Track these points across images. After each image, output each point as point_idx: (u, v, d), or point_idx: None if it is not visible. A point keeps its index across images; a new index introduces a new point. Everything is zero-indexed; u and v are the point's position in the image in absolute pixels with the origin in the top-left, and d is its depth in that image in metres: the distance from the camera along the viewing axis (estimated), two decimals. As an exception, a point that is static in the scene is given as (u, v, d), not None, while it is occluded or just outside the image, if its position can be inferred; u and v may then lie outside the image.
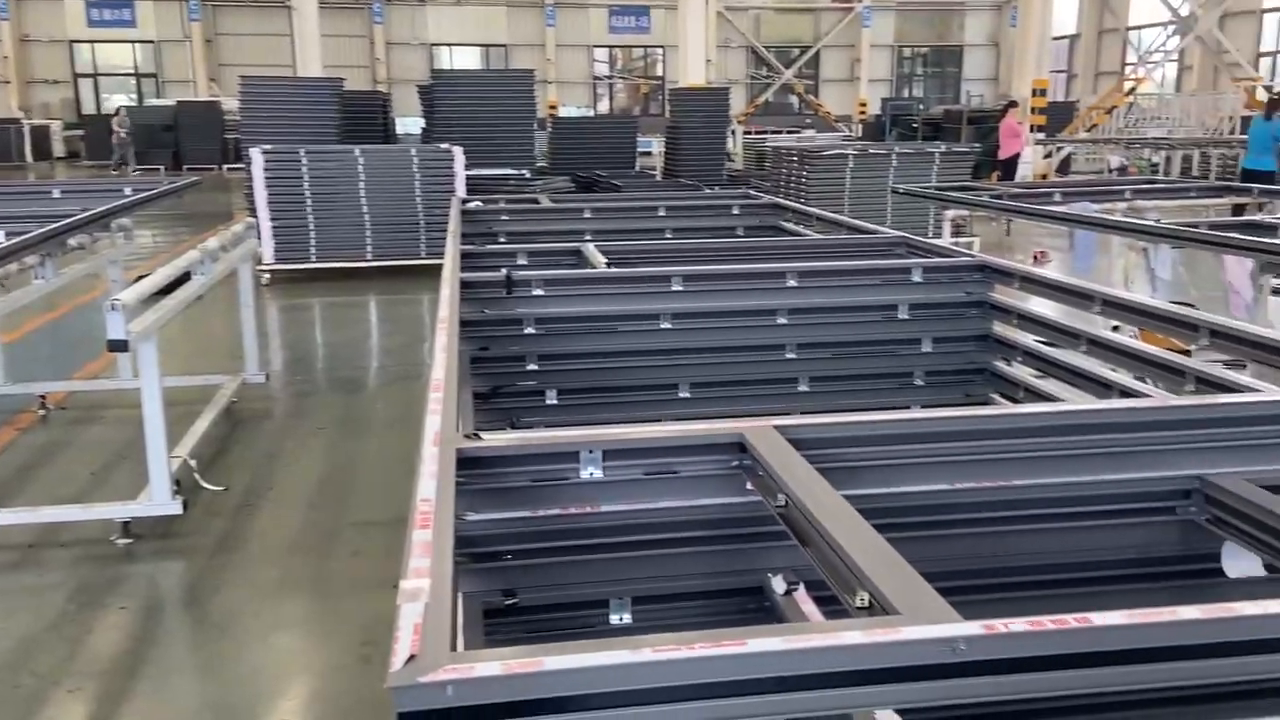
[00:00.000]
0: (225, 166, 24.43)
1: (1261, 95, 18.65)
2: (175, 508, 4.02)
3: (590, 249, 3.81)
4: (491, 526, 1.66)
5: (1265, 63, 26.06)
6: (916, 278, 3.38)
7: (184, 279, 4.68)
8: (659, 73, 33.95)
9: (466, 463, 1.62)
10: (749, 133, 23.52)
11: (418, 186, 10.13)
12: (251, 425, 5.51)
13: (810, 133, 23.64)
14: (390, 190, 10.09)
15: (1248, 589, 1.76)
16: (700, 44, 16.40)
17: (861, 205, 10.61)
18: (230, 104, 22.37)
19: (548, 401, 3.21)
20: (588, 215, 5.23)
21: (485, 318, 3.13)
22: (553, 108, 29.17)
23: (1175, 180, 11.54)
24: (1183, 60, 27.20)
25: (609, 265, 3.56)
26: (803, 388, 3.34)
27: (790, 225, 5.13)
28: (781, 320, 3.31)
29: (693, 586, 1.73)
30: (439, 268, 3.36)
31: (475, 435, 1.68)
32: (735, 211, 5.44)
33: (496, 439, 1.68)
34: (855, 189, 11.00)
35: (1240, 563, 1.72)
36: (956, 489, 1.76)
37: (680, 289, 3.24)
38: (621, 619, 1.71)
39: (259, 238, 8.96)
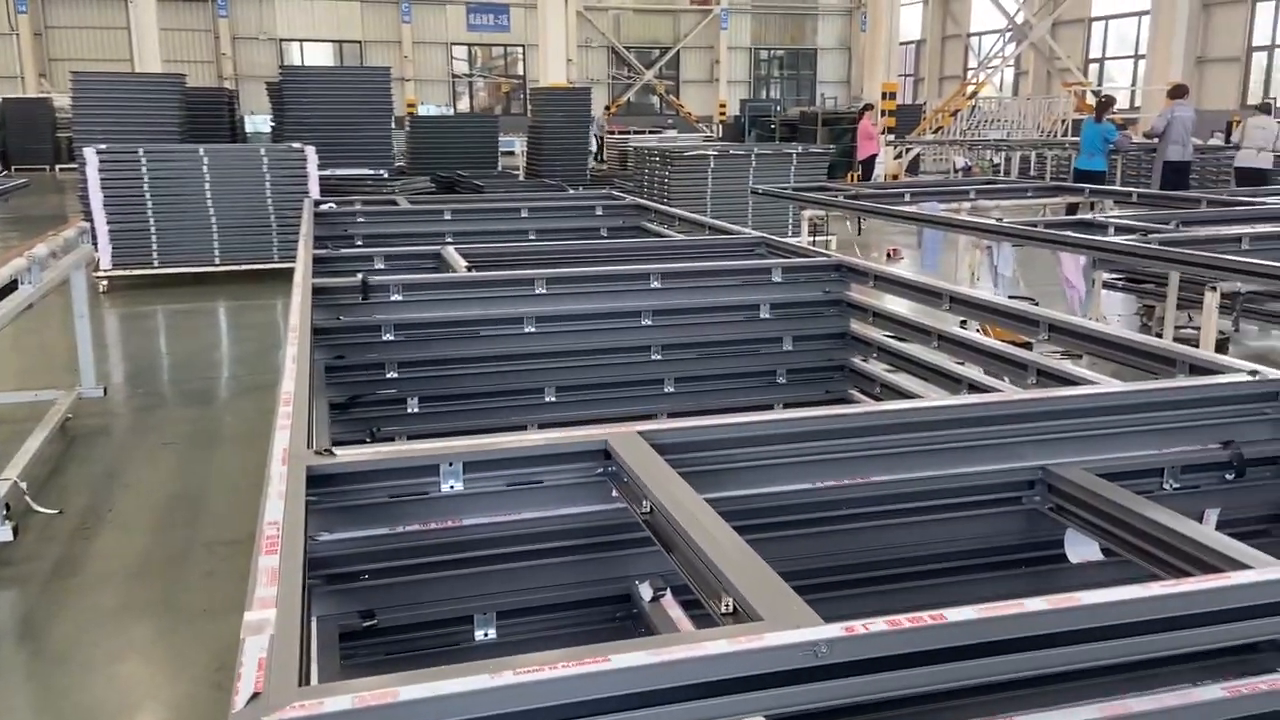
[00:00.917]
0: (57, 167, 22.92)
1: (1091, 99, 19.91)
2: (4, 534, 3.73)
3: (451, 252, 3.73)
4: (347, 546, 1.59)
5: (1094, 68, 27.84)
6: (777, 278, 3.44)
7: (10, 288, 4.34)
8: (520, 72, 33.70)
9: (319, 480, 1.54)
10: (611, 132, 23.60)
11: (268, 187, 9.72)
12: (89, 443, 5.16)
13: (672, 133, 23.90)
14: (238, 191, 9.65)
15: (1089, 573, 1.85)
16: (561, 43, 16.36)
17: (723, 205, 10.78)
18: (62, 101, 20.98)
19: (409, 410, 3.12)
20: (448, 217, 5.13)
21: (340, 325, 3.02)
22: (411, 106, 28.57)
23: (1014, 180, 12.19)
24: (1019, 65, 28.79)
25: (470, 268, 3.49)
26: (669, 389, 3.36)
27: (653, 226, 5.15)
28: (646, 322, 3.31)
29: (559, 597, 1.70)
30: (294, 271, 3.22)
31: (328, 451, 1.60)
32: (599, 212, 5.43)
33: (350, 454, 1.61)
34: (717, 189, 11.17)
35: (1081, 548, 1.81)
36: (818, 488, 1.78)
37: (544, 292, 3.20)
38: (487, 635, 1.67)
39: (94, 242, 8.41)
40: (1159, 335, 6.44)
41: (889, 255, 11.59)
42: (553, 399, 3.24)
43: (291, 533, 1.30)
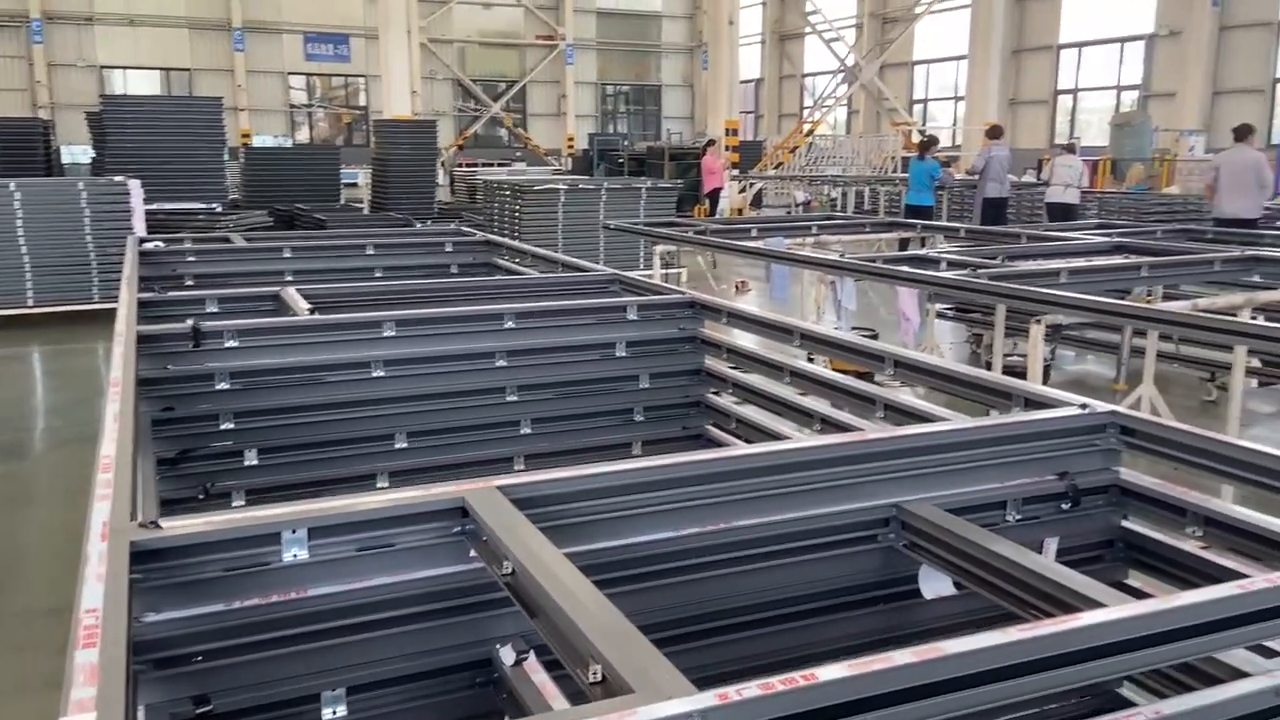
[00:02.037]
0: None
1: (917, 138, 21.08)
2: None
3: (291, 293, 3.55)
4: (177, 626, 1.45)
5: (919, 108, 29.51)
6: (632, 315, 3.43)
7: None
8: (362, 102, 32.99)
9: (144, 556, 1.41)
10: (459, 165, 23.37)
11: (88, 224, 9.12)
12: (-122, 507, 4.66)
13: (521, 166, 23.87)
14: (54, 228, 9.02)
15: (942, 607, 1.90)
16: (404, 75, 16.11)
17: (574, 239, 10.80)
18: None
19: (246, 462, 2.93)
20: (288, 255, 4.91)
21: (169, 374, 2.81)
22: (246, 136, 27.49)
23: (852, 216, 12.70)
24: (851, 105, 30.22)
25: (313, 310, 3.33)
26: (525, 430, 3.29)
27: (505, 262, 5.08)
28: (500, 362, 3.24)
29: (415, 667, 1.60)
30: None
31: (154, 524, 1.46)
32: (448, 248, 5.32)
33: (180, 525, 1.47)
34: (568, 223, 11.19)
35: (934, 584, 1.84)
36: (681, 535, 1.76)
37: (393, 334, 3.08)
38: (335, 713, 1.55)
39: (-114, 283, 7.67)
40: (988, 362, 6.80)
41: (738, 287, 11.86)
42: (404, 445, 3.11)
43: (113, 619, 1.17)
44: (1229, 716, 1.19)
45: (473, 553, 1.58)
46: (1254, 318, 4.51)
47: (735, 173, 20.06)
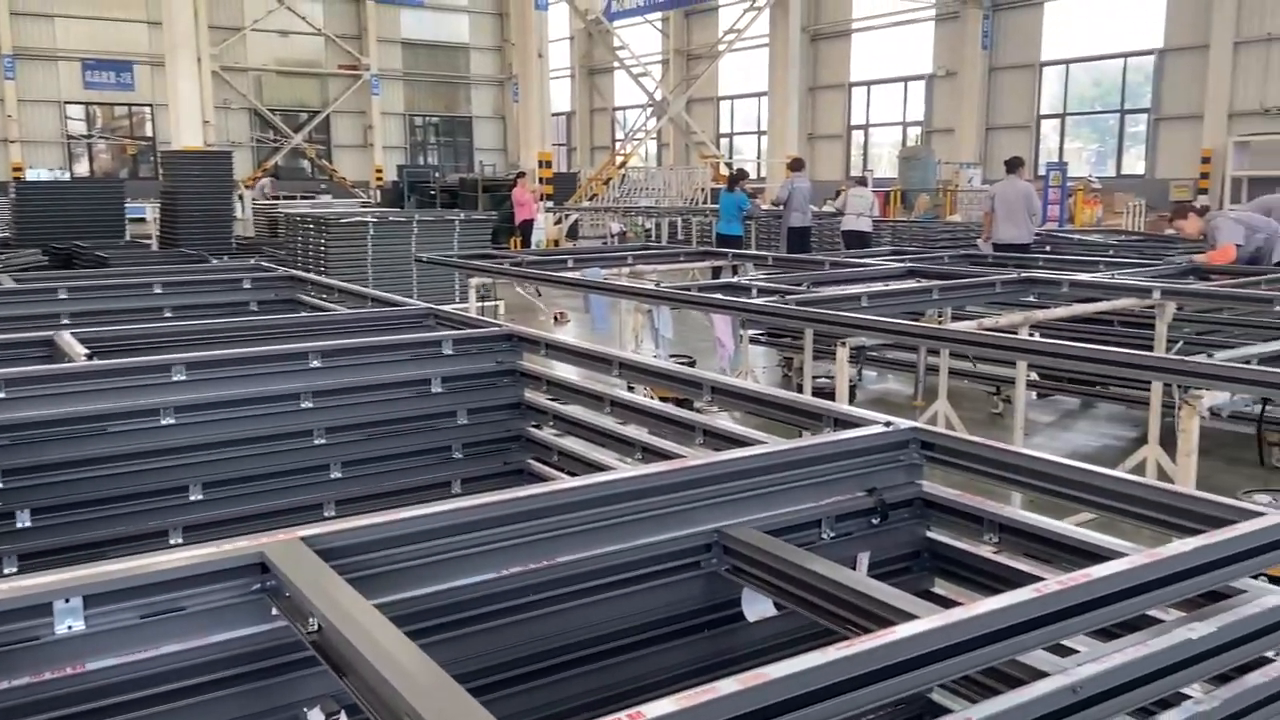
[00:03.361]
0: None
1: (725, 170, 21.83)
2: None
3: (67, 338, 3.26)
4: (-75, 720, 1.27)
5: (725, 142, 30.64)
6: (448, 350, 3.34)
7: None
8: (148, 133, 31.10)
9: (-122, 643, 1.22)
10: (277, 196, 22.36)
11: None
12: None
13: (327, 198, 23.08)
14: None
15: (765, 629, 1.92)
16: (195, 103, 15.25)
17: (385, 274, 10.50)
18: None
19: (18, 525, 2.65)
20: (64, 296, 4.51)
21: (-80, 432, 2.51)
22: (17, 170, 25.36)
23: (666, 246, 12.98)
24: (661, 138, 31.02)
25: (91, 356, 3.06)
26: (335, 474, 3.13)
27: (310, 299, 4.86)
28: (306, 404, 3.07)
29: (213, 741, 1.46)
30: None
31: (-110, 605, 1.28)
32: (247, 285, 5.03)
33: (-74, 603, 1.29)
34: (378, 257, 10.87)
35: (757, 606, 1.86)
36: (502, 576, 1.70)
37: (183, 378, 2.87)
38: (120, 801, 1.40)
39: None
40: (799, 384, 7.08)
41: (556, 319, 11.86)
42: (199, 497, 2.90)
43: None
44: (1032, 716, 1.25)
45: (275, 611, 1.47)
46: (1031, 335, 4.89)
47: (550, 204, 20.14)
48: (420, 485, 3.23)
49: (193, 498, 2.88)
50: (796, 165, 13.55)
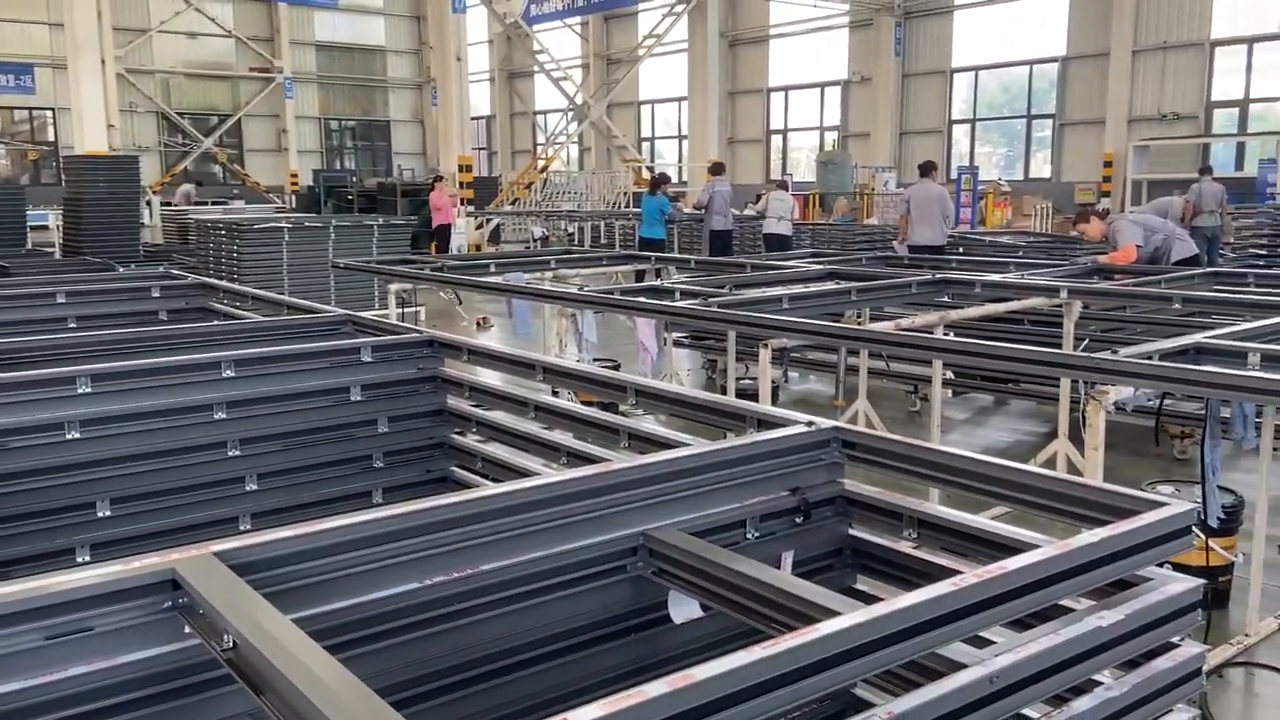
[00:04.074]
0: None
1: (646, 174, 21.90)
2: None
3: (-38, 350, 3.11)
4: None
5: (646, 146, 30.76)
6: (366, 357, 3.28)
7: None
8: (50, 137, 29.93)
9: None
10: (168, 204, 21.72)
11: None
12: None
13: (239, 204, 22.51)
14: None
15: (692, 630, 1.92)
16: (99, 107, 14.71)
17: (302, 281, 10.28)
18: None
19: (-90, 548, 2.52)
20: (-40, 306, 4.31)
21: None
22: (-92, 175, 24.15)
23: (589, 250, 12.98)
24: (582, 142, 31.02)
25: (-11, 369, 2.93)
26: (251, 486, 3.05)
27: (223, 307, 4.73)
28: (220, 415, 2.99)
29: (122, 768, 1.41)
30: None
31: None
32: (156, 294, 4.87)
33: None
34: (294, 264, 10.64)
35: (683, 608, 1.87)
36: (425, 586, 1.67)
37: (88, 391, 2.76)
38: (26, 833, 1.33)
39: None
40: (723, 386, 7.14)
41: (479, 324, 11.76)
42: (107, 513, 2.79)
43: None
44: (953, 707, 1.27)
45: (188, 629, 1.42)
46: (946, 334, 5.01)
47: (471, 209, 19.97)
48: (340, 496, 3.17)
49: (100, 514, 2.77)
50: (717, 169, 13.68)
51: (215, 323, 4.33)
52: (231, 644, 1.30)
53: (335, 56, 34.40)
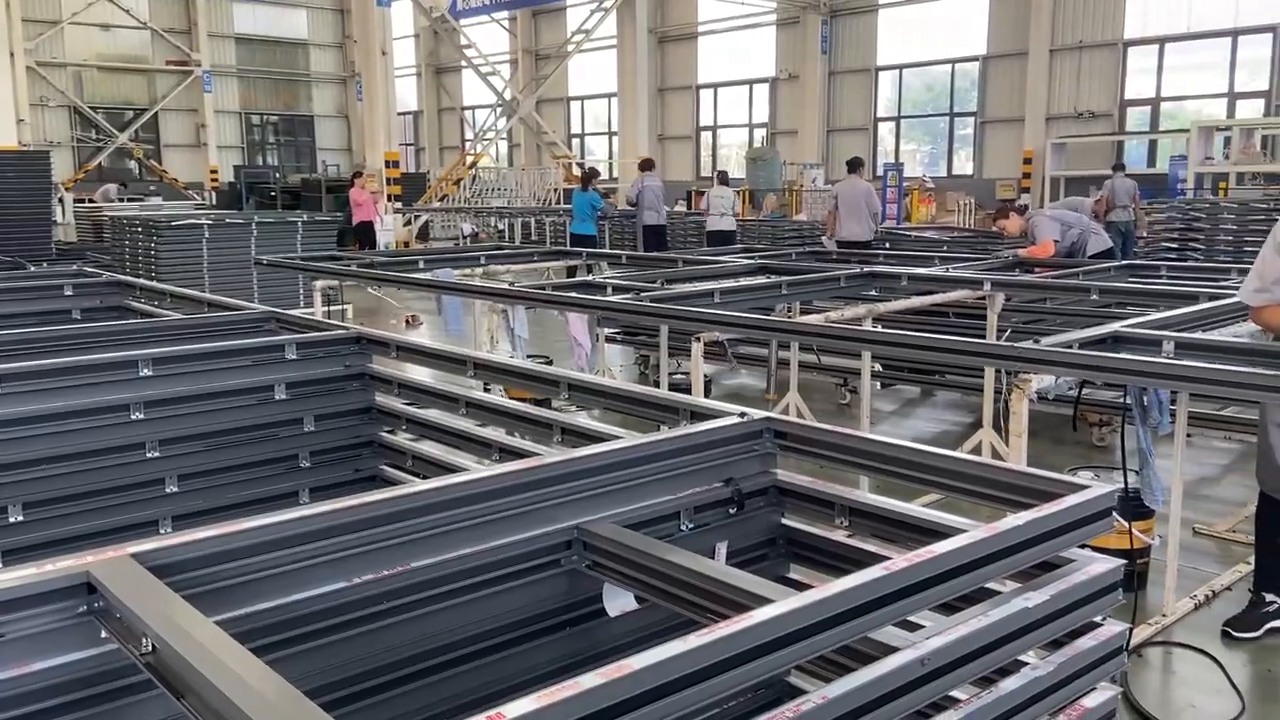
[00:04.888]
0: None
1: (577, 170, 21.82)
2: None
3: None
4: None
5: (576, 142, 30.67)
6: (291, 355, 3.21)
7: None
8: (-44, 131, 28.71)
9: None
10: (81, 200, 21.01)
11: None
12: None
13: (157, 200, 21.86)
14: None
15: (627, 623, 1.92)
16: (7, 101, 14.14)
17: (224, 279, 10.02)
18: None
19: None
20: None
21: None
22: None
23: (520, 246, 12.89)
24: (511, 138, 30.78)
25: (-112, 371, 2.79)
26: (171, 488, 2.96)
27: (140, 305, 4.58)
28: (137, 415, 2.89)
29: (34, 780, 1.35)
30: None
31: None
32: (69, 292, 4.70)
33: None
34: (214, 261, 10.36)
35: (618, 600, 1.86)
36: (354, 584, 1.64)
37: (-3, 392, 2.65)
38: None
39: None
40: (656, 381, 7.15)
41: (408, 322, 11.60)
42: (19, 518, 2.68)
43: None
44: (885, 690, 1.29)
45: (104, 633, 1.37)
46: (874, 327, 5.08)
47: (399, 205, 19.69)
48: (265, 497, 3.09)
49: (12, 519, 2.67)
50: (646, 165, 13.72)
51: (132, 321, 4.20)
52: (150, 648, 1.25)
53: (256, 50, 33.60)
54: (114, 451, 2.84)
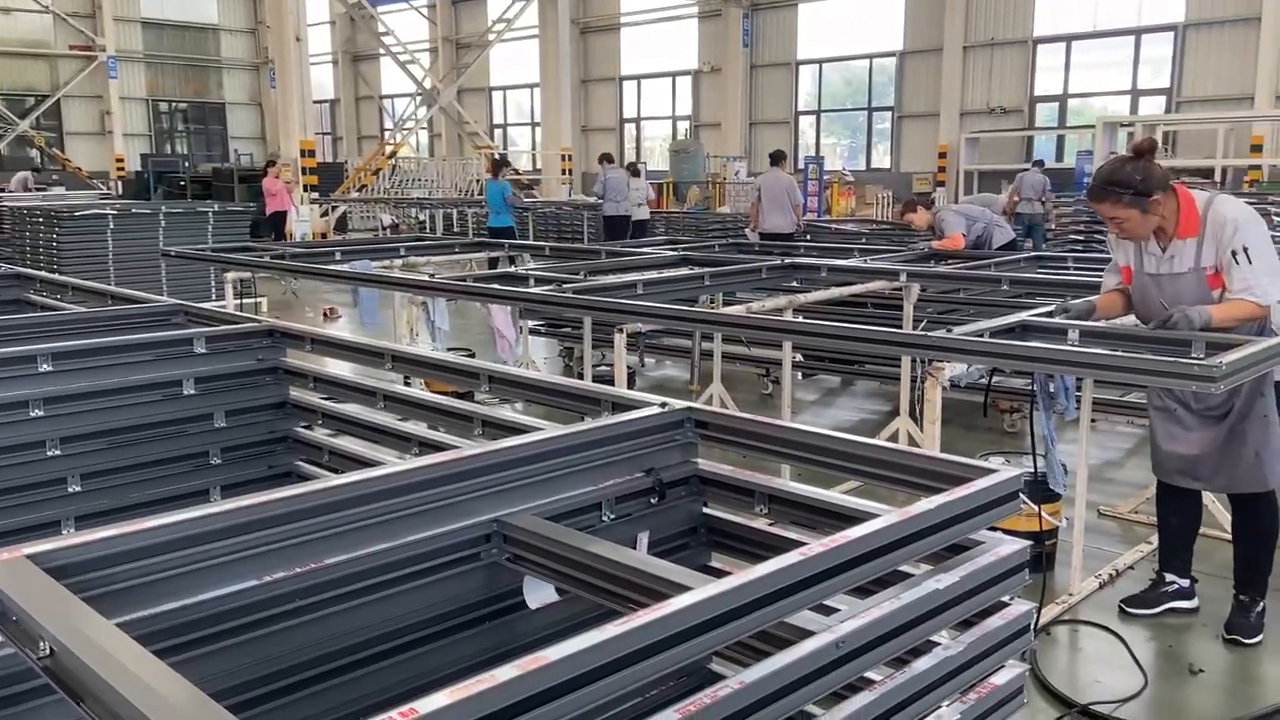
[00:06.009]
0: None
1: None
2: None
3: None
4: None
5: (499, 133, 30.38)
6: (200, 348, 3.11)
7: None
8: None
9: None
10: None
11: None
12: None
13: (60, 190, 21.01)
14: None
15: (548, 615, 1.91)
16: (-104, 83, 13.46)
17: (130, 271, 9.68)
18: None
19: None
20: None
21: None
22: None
23: (441, 237, 12.74)
24: (432, 128, 30.35)
25: None
26: (74, 488, 2.85)
27: (39, 298, 4.40)
28: (37, 413, 2.77)
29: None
30: None
31: None
32: (-38, 285, 4.49)
33: None
34: (120, 254, 9.99)
35: (538, 593, 1.85)
36: (265, 583, 1.59)
37: (-119, 389, 2.52)
38: None
39: None
40: (580, 373, 7.13)
41: (325, 315, 11.37)
42: (-92, 523, 2.55)
43: None
44: (802, 673, 1.30)
45: (0, 637, 1.31)
46: (795, 317, 5.15)
47: (315, 195, 19.27)
48: (175, 495, 3.00)
49: (-102, 525, 2.53)
50: (606, 158, 14.27)
51: (30, 314, 4.02)
52: (48, 651, 1.20)
53: (164, 35, 32.49)
54: (12, 450, 2.72)
